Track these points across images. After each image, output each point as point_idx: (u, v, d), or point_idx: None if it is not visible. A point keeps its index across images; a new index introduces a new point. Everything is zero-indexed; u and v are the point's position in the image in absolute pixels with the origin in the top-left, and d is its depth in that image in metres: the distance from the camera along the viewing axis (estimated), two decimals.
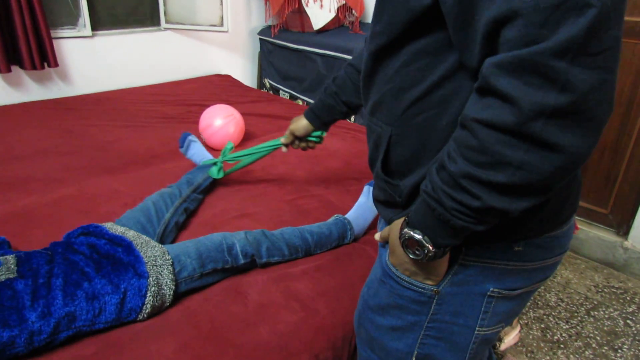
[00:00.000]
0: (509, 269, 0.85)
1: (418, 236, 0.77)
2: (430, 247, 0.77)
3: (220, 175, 1.91)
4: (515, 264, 0.85)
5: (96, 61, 3.14)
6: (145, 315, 1.24)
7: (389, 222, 0.92)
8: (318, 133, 1.54)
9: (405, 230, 0.79)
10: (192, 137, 2.19)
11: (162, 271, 1.26)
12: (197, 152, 2.14)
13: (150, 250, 1.30)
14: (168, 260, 1.29)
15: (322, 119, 1.48)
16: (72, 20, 2.98)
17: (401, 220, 0.83)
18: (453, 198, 0.69)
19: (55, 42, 2.84)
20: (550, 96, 0.58)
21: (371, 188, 1.80)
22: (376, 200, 0.97)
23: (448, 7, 0.67)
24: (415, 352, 0.93)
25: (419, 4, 0.71)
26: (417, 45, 0.77)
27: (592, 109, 0.59)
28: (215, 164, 1.92)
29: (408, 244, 0.80)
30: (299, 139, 1.58)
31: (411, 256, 0.81)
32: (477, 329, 0.90)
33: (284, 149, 1.64)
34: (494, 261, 0.84)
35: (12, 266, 1.20)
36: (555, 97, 0.58)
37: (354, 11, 3.52)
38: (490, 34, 0.62)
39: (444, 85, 0.76)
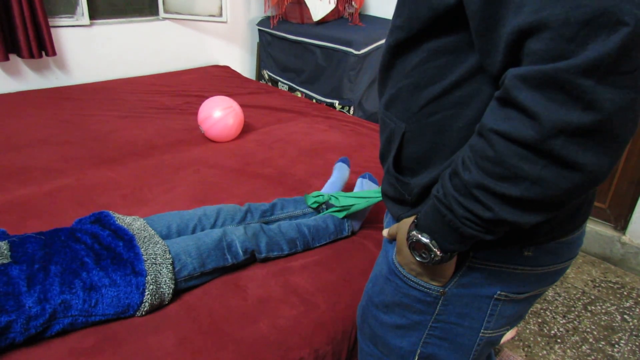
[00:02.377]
0: (517, 273, 0.84)
1: (426, 240, 0.76)
2: (438, 252, 0.76)
3: (313, 206, 1.71)
4: (523, 268, 0.84)
5: (94, 50, 3.11)
6: (143, 313, 1.23)
7: (397, 219, 0.91)
8: None
9: (414, 232, 0.79)
10: (344, 166, 1.95)
11: (161, 270, 1.26)
12: (333, 179, 1.89)
13: (151, 246, 1.30)
14: (168, 259, 1.29)
15: None
16: (70, 9, 2.95)
17: (410, 220, 0.82)
18: (464, 207, 0.69)
19: (53, 30, 2.81)
20: (574, 114, 0.56)
21: (364, 180, 1.79)
22: (385, 196, 0.96)
23: (472, 9, 0.65)
24: (419, 351, 0.93)
25: (442, 3, 0.69)
26: (437, 43, 0.75)
27: (616, 129, 0.58)
28: (320, 196, 1.72)
29: (415, 246, 0.79)
30: None
31: (417, 258, 0.80)
32: (482, 331, 0.90)
33: None
34: (502, 265, 0.83)
35: (6, 252, 1.19)
36: (579, 116, 0.56)
37: (353, 2, 3.51)
38: (514, 43, 0.60)
39: (463, 87, 0.74)
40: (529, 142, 0.60)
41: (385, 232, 0.94)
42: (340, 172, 1.92)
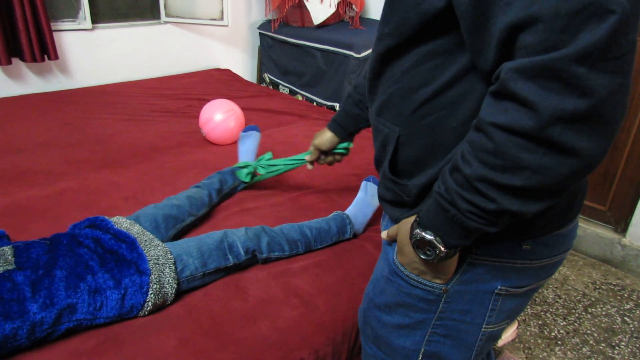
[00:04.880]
0: (517, 267, 0.86)
1: (430, 237, 0.77)
2: (442, 248, 0.77)
3: (247, 179, 1.87)
4: (523, 262, 0.86)
5: (96, 54, 3.13)
6: (146, 313, 1.24)
7: (395, 221, 0.92)
8: (344, 145, 1.44)
9: (417, 230, 0.80)
10: (254, 133, 2.11)
11: (164, 270, 1.27)
12: (247, 147, 2.06)
13: (153, 249, 1.31)
14: (170, 259, 1.30)
15: (347, 129, 1.39)
16: (72, 12, 2.97)
17: (411, 219, 0.83)
18: (468, 200, 0.70)
19: (55, 34, 2.83)
20: (570, 101, 0.58)
21: (369, 184, 1.80)
22: (382, 199, 0.97)
23: (462, 10, 0.66)
24: (422, 350, 0.94)
25: (431, 7, 0.71)
26: (427, 46, 0.76)
27: (608, 113, 0.60)
28: (247, 166, 1.88)
29: (419, 244, 0.80)
30: (324, 154, 1.46)
31: (422, 256, 0.81)
32: (484, 326, 0.91)
33: (309, 166, 1.52)
34: (502, 259, 0.85)
35: (10, 257, 1.19)
36: (575, 103, 0.58)
37: (354, 6, 3.52)
38: (506, 38, 0.62)
39: (455, 86, 0.76)
40: (528, 131, 0.61)
41: (384, 235, 0.95)
42: (254, 140, 2.08)
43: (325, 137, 1.42)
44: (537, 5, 0.58)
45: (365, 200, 1.74)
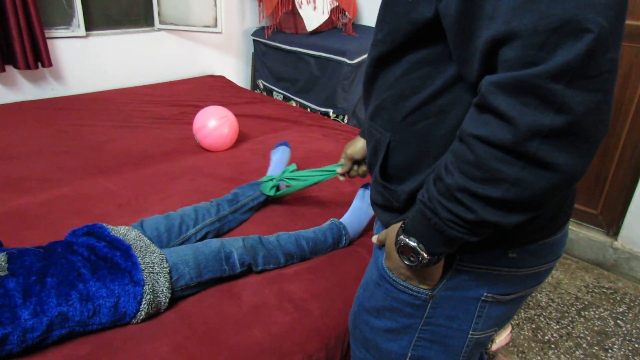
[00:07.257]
0: (503, 275, 0.87)
1: (413, 244, 0.78)
2: (425, 255, 0.78)
3: (272, 193, 1.82)
4: (509, 270, 0.86)
5: (90, 61, 3.13)
6: (139, 320, 1.24)
7: (386, 225, 0.93)
8: None
9: (401, 237, 0.81)
10: (283, 148, 2.12)
11: (158, 279, 1.27)
12: (275, 162, 2.08)
13: (148, 256, 1.31)
14: (165, 268, 1.29)
15: None
16: (66, 20, 2.98)
17: (397, 225, 0.84)
18: (448, 209, 0.71)
19: (49, 42, 2.83)
20: (546, 117, 0.59)
21: (366, 191, 1.81)
22: (374, 203, 0.98)
23: (449, 22, 0.68)
24: (409, 354, 0.95)
25: (421, 17, 0.72)
26: (418, 55, 0.78)
27: (587, 130, 0.60)
28: (271, 180, 1.85)
29: (403, 250, 0.81)
30: (357, 164, 1.31)
31: (406, 262, 0.82)
32: (470, 332, 0.92)
33: (341, 178, 1.37)
34: (488, 267, 0.86)
35: (3, 264, 1.20)
36: (551, 119, 0.59)
37: (347, 13, 3.54)
38: (489, 52, 0.63)
39: (443, 95, 0.77)
40: (506, 145, 0.62)
41: (374, 239, 0.96)
42: (282, 154, 2.09)
43: (359, 145, 1.26)
44: (517, 21, 0.59)
45: (361, 208, 1.74)
